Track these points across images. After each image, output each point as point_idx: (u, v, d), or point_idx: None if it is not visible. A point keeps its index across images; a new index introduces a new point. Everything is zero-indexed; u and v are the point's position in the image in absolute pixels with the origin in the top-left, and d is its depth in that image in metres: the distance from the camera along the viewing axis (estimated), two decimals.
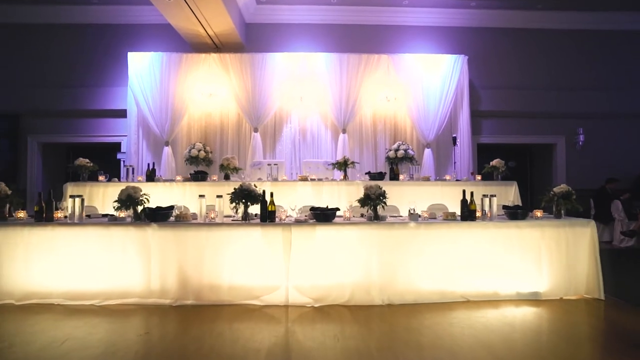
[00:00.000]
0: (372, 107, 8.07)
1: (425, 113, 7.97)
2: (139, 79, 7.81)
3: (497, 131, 8.65)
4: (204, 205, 4.07)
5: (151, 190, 5.92)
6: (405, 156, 7.61)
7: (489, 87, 8.43)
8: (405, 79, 7.95)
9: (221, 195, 4.12)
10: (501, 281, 4.06)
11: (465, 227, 4.08)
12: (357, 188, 5.88)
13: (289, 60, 7.90)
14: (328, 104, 7.89)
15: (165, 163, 7.79)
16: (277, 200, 5.54)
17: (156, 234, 3.94)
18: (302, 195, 5.75)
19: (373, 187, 4.04)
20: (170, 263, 3.94)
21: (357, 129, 8.08)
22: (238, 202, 3.96)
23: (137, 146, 7.98)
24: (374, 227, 4.04)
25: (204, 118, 8.07)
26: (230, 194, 4.01)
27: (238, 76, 7.84)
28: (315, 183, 5.88)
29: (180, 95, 7.83)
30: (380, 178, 5.95)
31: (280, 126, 8.08)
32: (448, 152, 8.23)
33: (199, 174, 5.96)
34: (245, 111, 7.85)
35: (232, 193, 3.99)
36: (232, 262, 3.95)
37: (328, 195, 5.81)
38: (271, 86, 7.82)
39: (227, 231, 3.97)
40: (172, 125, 7.82)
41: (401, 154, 7.59)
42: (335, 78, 7.86)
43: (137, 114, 7.95)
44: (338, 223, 4.06)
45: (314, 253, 3.97)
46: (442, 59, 8.05)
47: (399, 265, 4.01)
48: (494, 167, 6.19)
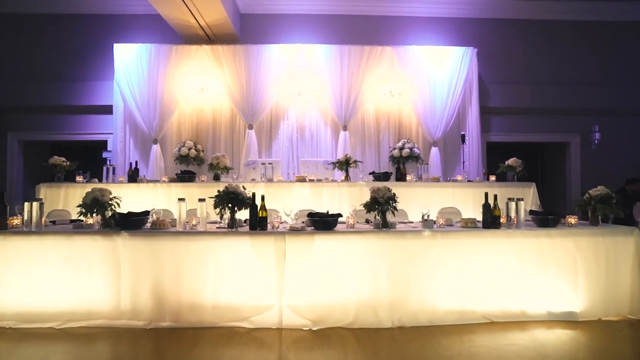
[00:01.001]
0: (374, 102, 7.45)
1: (432, 109, 7.34)
2: (125, 72, 7.18)
3: (506, 129, 8.03)
4: (184, 211, 3.44)
5: (133, 193, 5.33)
6: (411, 155, 6.99)
7: (499, 82, 7.81)
8: (410, 73, 7.33)
9: (204, 198, 3.49)
10: (530, 299, 3.44)
11: (488, 236, 3.45)
12: (360, 190, 5.25)
13: (286, 52, 7.27)
14: (328, 100, 7.26)
15: (154, 162, 7.16)
16: (272, 204, 4.92)
17: (127, 244, 3.31)
18: (299, 198, 5.13)
19: (381, 190, 3.42)
20: (144, 278, 3.31)
21: (359, 126, 7.46)
22: (223, 207, 3.34)
23: (123, 144, 7.34)
24: (382, 236, 3.42)
25: (195, 114, 7.44)
26: (213, 197, 3.38)
27: (232, 69, 7.22)
28: (314, 184, 5.25)
29: (169, 90, 7.20)
30: (386, 179, 5.32)
31: (277, 123, 7.45)
32: (456, 151, 7.61)
33: (186, 174, 5.33)
34: (239, 107, 7.22)
35: (215, 196, 3.36)
36: (216, 277, 3.33)
37: (328, 198, 5.19)
38: (267, 80, 7.20)
39: (209, 241, 3.34)
40: (161, 122, 7.19)
41: (406, 153, 6.97)
42: (336, 71, 7.24)
43: (123, 109, 7.32)
44: (340, 232, 3.44)
45: (312, 267, 3.35)
46: (449, 52, 7.43)
47: (412, 281, 3.39)
48: (509, 166, 5.56)
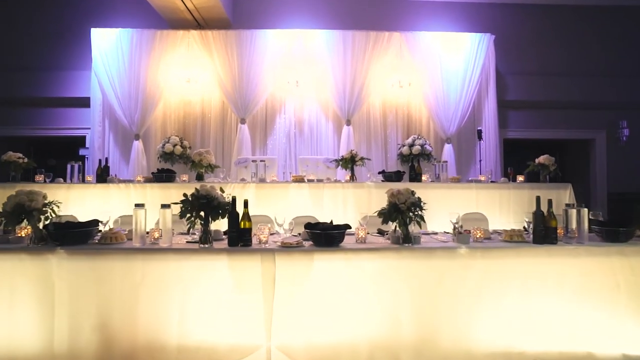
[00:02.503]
0: (381, 94, 6.57)
1: (446, 102, 6.46)
2: (104, 60, 6.30)
3: (525, 124, 7.14)
4: (141, 220, 2.55)
5: (100, 195, 4.44)
6: (422, 153, 6.12)
7: (517, 73, 6.92)
8: (421, 61, 6.45)
9: (168, 204, 2.59)
10: (599, 337, 2.55)
11: (543, 254, 2.56)
12: (367, 192, 4.37)
13: (283, 38, 6.39)
14: (329, 91, 6.38)
15: (135, 160, 6.28)
16: (263, 209, 4.03)
17: (64, 265, 2.42)
18: (295, 202, 4.24)
19: (402, 194, 2.53)
20: (86, 310, 2.43)
21: (364, 120, 6.57)
22: (192, 216, 2.44)
23: (102, 140, 6.46)
24: (404, 254, 2.53)
25: (181, 107, 6.55)
26: (180, 202, 2.49)
27: (222, 57, 6.33)
28: (313, 185, 4.36)
29: (153, 80, 6.32)
30: (398, 179, 4.44)
31: (273, 117, 6.56)
32: (470, 149, 6.74)
33: (163, 173, 4.43)
34: (230, 99, 6.33)
35: (181, 202, 2.47)
36: (184, 309, 2.44)
37: (330, 202, 4.30)
38: (262, 69, 6.32)
39: (175, 261, 2.45)
40: (143, 116, 6.30)
41: (417, 150, 6.10)
42: (338, 60, 6.35)
43: (102, 101, 6.44)
44: (348, 249, 2.55)
45: (311, 295, 2.46)
46: (464, 38, 6.55)
47: (443, 315, 2.50)
48: (541, 165, 4.67)
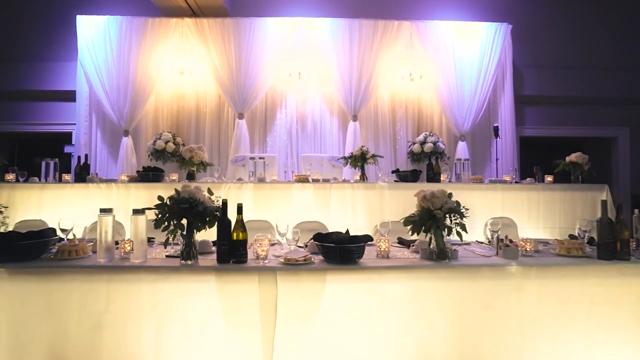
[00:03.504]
0: (390, 87, 6.01)
1: (459, 96, 5.91)
2: (91, 50, 5.73)
3: (542, 121, 6.58)
4: (108, 229, 1.99)
5: (78, 196, 3.86)
6: (435, 151, 5.56)
7: (534, 66, 6.37)
8: (432, 53, 5.89)
9: (142, 209, 2.03)
10: None
11: (614, 274, 2.01)
12: (380, 193, 3.81)
13: (284, 27, 5.83)
14: (334, 84, 5.82)
15: (123, 158, 5.71)
16: (263, 212, 3.48)
17: (5, 287, 1.87)
18: (299, 205, 3.68)
19: (438, 196, 1.98)
20: (33, 347, 1.87)
21: (372, 115, 6.01)
22: (170, 225, 1.88)
23: (88, 137, 5.89)
24: (442, 274, 1.97)
25: (175, 101, 6.00)
26: (154, 207, 1.93)
27: (219, 47, 5.77)
28: (319, 186, 3.81)
29: (144, 72, 5.75)
30: (414, 179, 3.88)
31: (273, 112, 6.00)
32: (485, 147, 6.19)
33: (149, 172, 3.87)
34: (227, 92, 5.78)
35: (156, 207, 1.91)
36: (159, 345, 1.88)
37: (338, 204, 3.74)
38: (261, 60, 5.76)
39: (149, 283, 1.90)
40: (133, 110, 5.74)
41: (429, 148, 5.55)
42: (344, 50, 5.80)
43: (88, 95, 5.87)
44: (369, 267, 1.98)
45: (322, 327, 1.90)
46: (479, 28, 6.00)
47: (489, 350, 1.95)
48: (573, 164, 4.12)
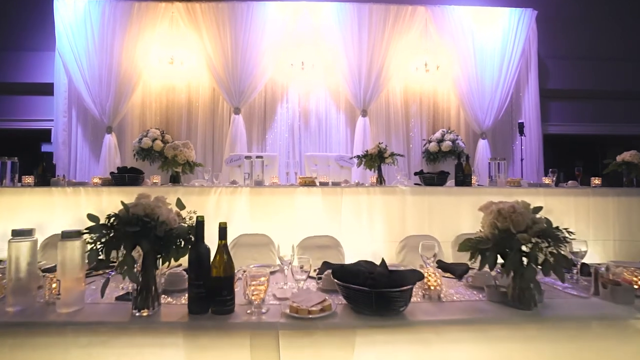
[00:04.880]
0: (403, 79, 5.34)
1: (480, 89, 5.23)
2: (69, 37, 5.05)
3: (567, 118, 5.92)
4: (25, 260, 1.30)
5: (38, 203, 3.18)
6: (454, 150, 4.90)
7: (559, 57, 5.71)
8: (450, 41, 5.23)
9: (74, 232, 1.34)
10: None
11: None
12: (401, 200, 3.12)
13: (286, 11, 5.16)
14: (341, 75, 5.15)
15: (106, 158, 5.03)
16: (260, 224, 2.80)
17: None
18: (304, 213, 2.99)
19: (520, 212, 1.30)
20: None
21: (383, 110, 5.34)
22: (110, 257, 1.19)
23: (67, 134, 5.21)
24: (529, 331, 1.28)
25: (164, 94, 5.31)
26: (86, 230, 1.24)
27: (213, 35, 5.09)
28: (328, 191, 3.12)
29: (129, 62, 5.07)
30: (441, 182, 3.20)
31: (273, 106, 5.32)
32: (507, 146, 5.52)
33: (125, 174, 3.19)
34: (222, 84, 5.10)
35: (89, 230, 1.22)
36: None
37: (351, 213, 3.05)
38: (260, 49, 5.08)
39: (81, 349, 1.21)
40: (117, 104, 5.06)
41: (447, 147, 4.88)
42: (352, 38, 5.12)
43: (67, 87, 5.19)
44: (420, 321, 1.30)
45: None
46: (501, 14, 5.33)
47: None
48: (627, 164, 3.43)
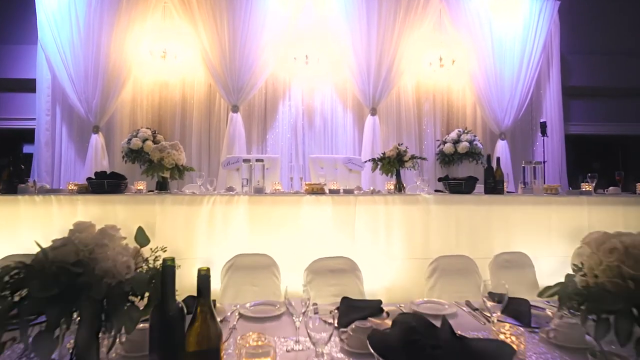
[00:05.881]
0: (415, 75, 4.88)
1: (499, 86, 4.77)
2: (53, 29, 4.57)
3: (590, 117, 5.46)
4: None
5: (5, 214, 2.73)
6: (471, 151, 4.46)
7: (582, 52, 5.25)
8: (466, 34, 4.77)
9: None
10: None
11: None
12: (424, 211, 2.65)
13: (289, 2, 4.69)
14: (349, 70, 4.68)
15: (92, 160, 4.55)
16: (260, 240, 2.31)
17: None
18: (312, 227, 2.51)
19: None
20: None
21: (393, 109, 4.87)
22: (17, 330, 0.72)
23: (51, 134, 4.74)
24: None
25: (156, 91, 4.84)
26: None
27: (209, 27, 4.62)
28: (339, 199, 2.64)
29: (118, 56, 4.60)
30: (469, 189, 2.73)
31: (274, 104, 4.85)
32: (527, 147, 5.07)
33: (105, 180, 2.71)
34: (219, 80, 4.63)
35: None
36: None
37: (367, 227, 2.57)
38: (260, 42, 4.61)
39: None
40: (105, 102, 4.58)
41: (464, 148, 4.43)
42: (360, 30, 4.66)
43: (51, 83, 4.72)
44: None
45: None
46: (521, 5, 4.87)
47: None
48: None
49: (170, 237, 2.58)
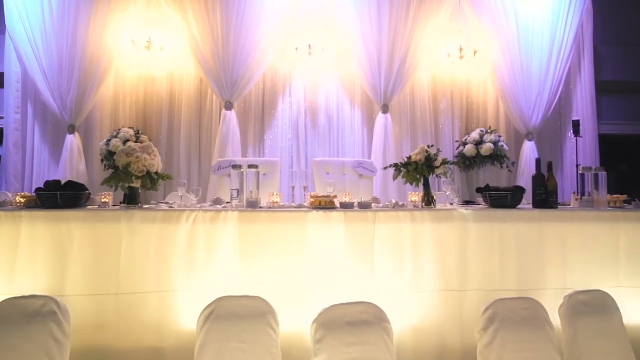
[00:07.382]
0: (430, 68, 4.31)
1: (525, 80, 4.20)
2: (23, 16, 3.99)
3: (622, 115, 4.89)
4: None
5: None
6: (496, 153, 3.89)
7: (616, 43, 4.68)
8: (488, 21, 4.21)
9: None
10: None
11: None
12: (462, 230, 2.06)
13: None
14: (357, 62, 4.10)
15: (66, 164, 3.97)
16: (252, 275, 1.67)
17: None
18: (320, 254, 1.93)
19: None
20: None
21: (407, 105, 4.29)
22: None
23: (22, 134, 4.16)
24: None
25: (140, 86, 4.26)
26: None
27: (200, 14, 4.04)
28: (353, 216, 2.04)
29: (96, 46, 4.02)
30: (515, 202, 2.14)
31: (273, 100, 4.27)
32: (554, 148, 4.50)
33: (58, 191, 2.13)
34: (211, 74, 4.04)
35: None
36: None
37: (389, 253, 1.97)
38: (257, 31, 4.04)
39: None
40: (81, 97, 4.00)
41: (487, 150, 3.86)
42: (370, 18, 4.09)
43: (21, 77, 4.14)
44: None
45: None
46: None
47: None
48: None
49: (138, 265, 2.01)
